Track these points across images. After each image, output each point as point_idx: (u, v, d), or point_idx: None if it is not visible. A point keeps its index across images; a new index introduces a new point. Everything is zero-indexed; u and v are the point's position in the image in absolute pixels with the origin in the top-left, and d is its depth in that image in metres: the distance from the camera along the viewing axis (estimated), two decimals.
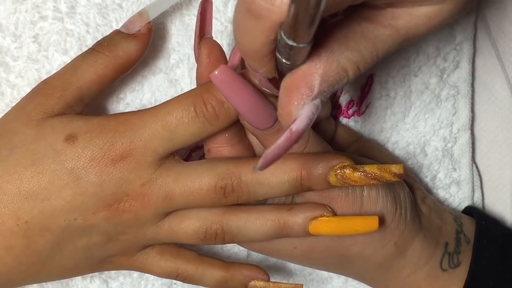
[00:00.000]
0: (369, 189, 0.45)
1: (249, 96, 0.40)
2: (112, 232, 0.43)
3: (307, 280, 0.55)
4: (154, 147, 0.41)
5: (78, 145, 0.41)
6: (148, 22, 0.44)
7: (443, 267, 0.48)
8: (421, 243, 0.48)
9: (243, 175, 0.42)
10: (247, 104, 0.40)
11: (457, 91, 0.54)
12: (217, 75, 0.40)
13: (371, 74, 0.52)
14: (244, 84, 0.40)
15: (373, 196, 0.45)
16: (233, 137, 0.44)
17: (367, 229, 0.44)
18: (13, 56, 0.47)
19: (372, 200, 0.45)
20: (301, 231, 0.44)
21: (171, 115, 0.41)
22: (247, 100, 0.40)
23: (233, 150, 0.44)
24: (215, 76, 0.40)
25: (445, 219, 0.50)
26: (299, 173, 0.42)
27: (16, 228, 0.42)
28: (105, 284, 0.52)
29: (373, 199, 0.45)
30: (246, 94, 0.40)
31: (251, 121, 0.42)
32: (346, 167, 0.42)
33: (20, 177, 0.41)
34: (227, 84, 0.40)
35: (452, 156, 0.55)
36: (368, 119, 0.53)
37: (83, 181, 0.41)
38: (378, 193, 0.45)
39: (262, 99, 0.41)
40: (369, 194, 0.45)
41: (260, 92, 0.41)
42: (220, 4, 0.49)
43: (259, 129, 0.42)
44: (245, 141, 0.45)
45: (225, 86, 0.40)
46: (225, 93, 0.40)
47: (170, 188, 0.42)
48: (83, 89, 0.43)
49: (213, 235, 0.44)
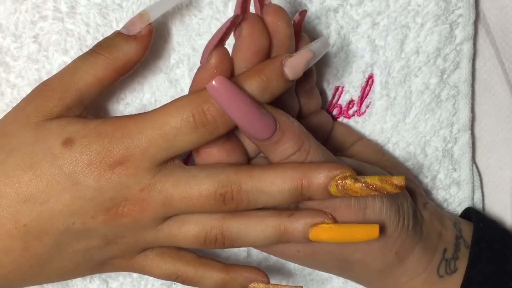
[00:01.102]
0: (372, 201, 0.44)
1: (246, 107, 0.40)
2: (111, 235, 0.43)
3: (307, 280, 0.55)
4: (151, 154, 0.41)
5: (75, 150, 0.41)
6: (148, 24, 0.44)
7: (440, 274, 0.48)
8: (421, 251, 0.47)
9: (243, 183, 0.42)
10: (244, 115, 0.40)
11: (457, 92, 0.54)
12: (214, 85, 0.39)
13: (372, 74, 0.52)
14: (241, 95, 0.40)
15: (377, 207, 0.44)
16: (220, 137, 0.43)
17: (367, 237, 0.43)
18: (13, 56, 0.47)
19: (376, 211, 0.44)
20: (301, 237, 0.43)
21: (169, 125, 0.41)
22: (244, 111, 0.40)
23: (222, 150, 0.44)
24: (212, 86, 0.39)
25: (445, 224, 0.50)
26: (299, 182, 0.42)
27: (14, 231, 0.42)
28: (105, 284, 0.52)
29: (377, 210, 0.44)
30: (243, 105, 0.40)
31: (248, 132, 0.41)
32: (347, 178, 0.41)
33: (19, 180, 0.41)
34: (224, 95, 0.40)
35: (452, 156, 0.55)
36: (368, 120, 0.53)
37: (82, 185, 0.41)
38: (382, 204, 0.45)
39: (260, 110, 0.41)
40: (373, 206, 0.44)
41: (257, 103, 0.41)
42: (220, 4, 0.49)
43: (258, 140, 0.42)
44: (233, 140, 0.45)
45: (222, 97, 0.40)
46: (221, 104, 0.40)
47: (169, 194, 0.42)
48: (82, 91, 0.43)
49: (213, 240, 0.44)
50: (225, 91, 0.40)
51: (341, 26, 0.51)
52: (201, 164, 0.44)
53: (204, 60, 0.42)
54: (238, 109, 0.40)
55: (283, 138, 0.42)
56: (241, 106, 0.40)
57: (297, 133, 0.42)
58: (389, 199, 0.45)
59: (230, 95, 0.40)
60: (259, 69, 0.42)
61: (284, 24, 0.43)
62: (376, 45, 0.51)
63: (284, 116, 0.42)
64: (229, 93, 0.40)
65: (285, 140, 0.42)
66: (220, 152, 0.44)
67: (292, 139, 0.42)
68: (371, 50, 0.51)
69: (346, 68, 0.52)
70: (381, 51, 0.52)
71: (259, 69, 0.42)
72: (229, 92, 0.40)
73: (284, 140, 0.42)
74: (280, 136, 0.42)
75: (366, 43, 0.51)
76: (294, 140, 0.42)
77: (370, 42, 0.51)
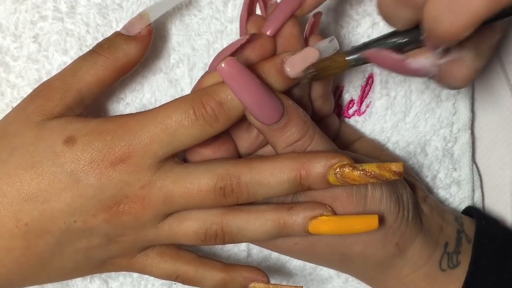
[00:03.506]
0: (373, 190, 0.45)
1: (255, 89, 0.40)
2: (112, 234, 0.43)
3: (307, 280, 0.55)
4: (153, 150, 0.41)
5: (77, 148, 0.41)
6: (148, 24, 0.44)
7: (442, 267, 0.48)
8: (421, 243, 0.48)
9: (242, 175, 0.42)
10: (254, 97, 0.41)
11: (457, 91, 0.54)
12: (224, 67, 0.40)
13: (372, 73, 0.52)
14: (251, 77, 0.40)
15: (377, 196, 0.45)
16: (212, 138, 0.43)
17: (367, 228, 0.44)
18: (13, 56, 0.47)
19: (376, 200, 0.45)
20: (301, 230, 0.44)
21: (170, 119, 0.41)
22: (254, 93, 0.40)
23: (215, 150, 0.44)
24: (222, 68, 0.40)
25: (446, 218, 0.50)
26: (298, 172, 0.42)
27: (16, 230, 0.42)
28: (105, 284, 0.52)
29: (377, 199, 0.45)
30: (252, 87, 0.40)
31: (257, 115, 0.42)
32: (345, 166, 0.42)
33: (20, 179, 0.41)
34: (234, 77, 0.40)
35: (453, 156, 0.55)
36: (368, 119, 0.53)
37: (83, 183, 0.41)
38: (382, 194, 0.45)
39: (269, 93, 0.41)
40: (373, 195, 0.45)
41: (266, 86, 0.41)
42: (220, 4, 0.49)
43: (265, 124, 0.42)
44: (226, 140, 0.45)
45: (232, 78, 0.40)
46: (231, 86, 0.40)
47: (170, 190, 0.42)
48: (83, 91, 0.43)
49: (213, 235, 0.44)
50: (235, 72, 0.40)
51: (341, 26, 0.51)
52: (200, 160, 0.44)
53: (213, 67, 0.43)
54: (247, 91, 0.40)
55: (290, 123, 0.42)
56: (251, 88, 0.40)
57: (303, 118, 0.43)
58: (389, 189, 0.45)
59: (240, 76, 0.40)
60: (259, 64, 0.42)
61: (290, 24, 0.43)
62: None
63: (291, 101, 0.43)
64: (239, 74, 0.40)
65: (292, 125, 0.42)
66: (213, 153, 0.44)
67: (298, 125, 0.42)
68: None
69: None
70: None
71: (259, 64, 0.42)
72: (239, 73, 0.40)
73: (291, 125, 0.42)
74: (287, 121, 0.42)
75: None
76: (300, 126, 0.43)
77: None
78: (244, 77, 0.40)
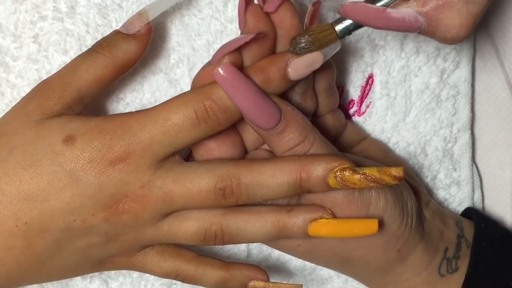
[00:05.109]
0: (377, 197, 0.44)
1: (251, 95, 0.40)
2: (112, 233, 0.43)
3: (307, 280, 0.55)
4: (153, 150, 0.41)
5: (76, 147, 0.41)
6: (147, 23, 0.44)
7: (441, 273, 0.48)
8: (423, 250, 0.48)
9: (242, 176, 0.42)
10: (250, 103, 0.41)
11: (457, 91, 0.54)
12: (220, 72, 0.40)
13: (372, 74, 0.52)
14: (247, 83, 0.40)
15: (381, 204, 0.44)
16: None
17: (366, 232, 0.43)
18: (13, 56, 0.47)
19: (380, 208, 0.44)
20: (301, 232, 0.44)
21: (172, 121, 0.41)
22: (250, 99, 0.40)
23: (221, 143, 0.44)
24: (218, 73, 0.40)
25: (447, 223, 0.50)
26: (298, 175, 0.42)
27: (15, 229, 0.42)
28: (105, 284, 0.52)
29: (381, 207, 0.44)
30: (248, 92, 0.40)
31: (253, 121, 0.42)
32: (346, 170, 0.42)
33: (19, 178, 0.41)
34: (230, 82, 0.40)
35: (452, 156, 0.55)
36: (368, 119, 0.53)
37: (82, 182, 0.41)
38: (387, 201, 0.45)
39: (265, 98, 0.41)
40: (377, 202, 0.44)
41: (263, 92, 0.41)
42: (220, 4, 0.49)
43: (262, 129, 0.42)
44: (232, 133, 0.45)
45: (228, 84, 0.40)
46: (226, 91, 0.40)
47: (170, 190, 0.42)
48: (82, 89, 0.43)
49: (212, 236, 0.44)
50: (231, 78, 0.40)
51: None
52: (201, 160, 0.44)
53: (215, 60, 0.42)
54: (243, 97, 0.40)
55: (287, 128, 0.42)
56: (247, 93, 0.40)
57: (301, 124, 0.43)
58: (393, 197, 0.45)
59: (236, 82, 0.40)
60: (263, 67, 0.42)
61: (289, 14, 0.43)
62: (376, 44, 0.51)
63: (289, 107, 0.42)
64: (235, 80, 0.40)
65: (290, 131, 0.42)
66: (218, 146, 0.44)
67: (297, 130, 0.42)
68: (371, 49, 0.52)
69: (346, 68, 0.52)
70: (381, 51, 0.52)
71: (263, 67, 0.42)
72: (235, 79, 0.40)
73: (289, 130, 0.42)
74: (285, 126, 0.42)
75: (366, 42, 0.51)
76: (298, 131, 0.42)
77: (370, 41, 0.51)
78: (239, 83, 0.40)
